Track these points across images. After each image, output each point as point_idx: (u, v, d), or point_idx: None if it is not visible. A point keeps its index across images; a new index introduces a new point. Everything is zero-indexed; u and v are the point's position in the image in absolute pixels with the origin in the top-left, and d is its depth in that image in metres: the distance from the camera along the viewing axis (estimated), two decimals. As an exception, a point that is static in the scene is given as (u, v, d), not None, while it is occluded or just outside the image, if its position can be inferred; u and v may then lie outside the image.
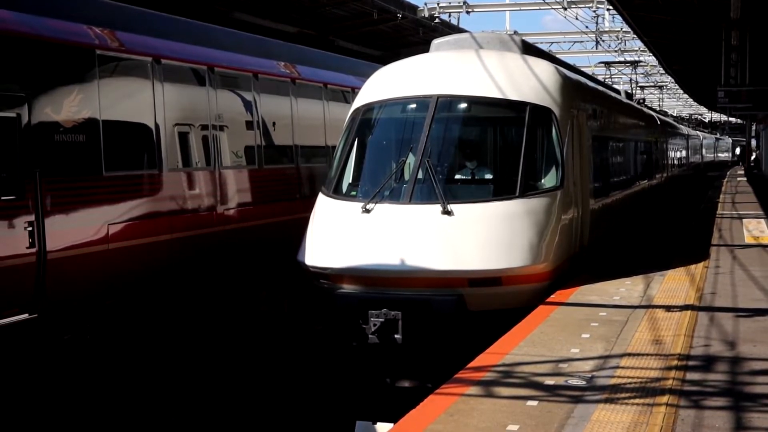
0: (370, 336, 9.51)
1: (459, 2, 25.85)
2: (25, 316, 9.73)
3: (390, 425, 7.53)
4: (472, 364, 7.63)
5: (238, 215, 13.64)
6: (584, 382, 6.96)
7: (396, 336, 9.44)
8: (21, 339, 9.73)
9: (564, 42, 36.45)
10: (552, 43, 35.89)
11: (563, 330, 8.67)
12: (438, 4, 25.20)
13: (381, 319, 9.41)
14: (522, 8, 29.43)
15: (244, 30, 16.70)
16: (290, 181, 15.48)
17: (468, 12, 26.20)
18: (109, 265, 10.91)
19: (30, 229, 9.69)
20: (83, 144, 10.67)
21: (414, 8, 24.37)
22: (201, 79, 13.24)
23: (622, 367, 7.37)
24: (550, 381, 7.00)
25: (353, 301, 9.66)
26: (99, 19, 11.55)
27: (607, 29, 33.50)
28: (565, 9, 26.36)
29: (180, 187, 12.41)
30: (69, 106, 10.49)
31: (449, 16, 26.74)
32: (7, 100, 9.65)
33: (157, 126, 12.07)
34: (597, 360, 7.58)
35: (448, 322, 9.42)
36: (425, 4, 24.99)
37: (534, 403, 6.47)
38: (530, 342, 8.24)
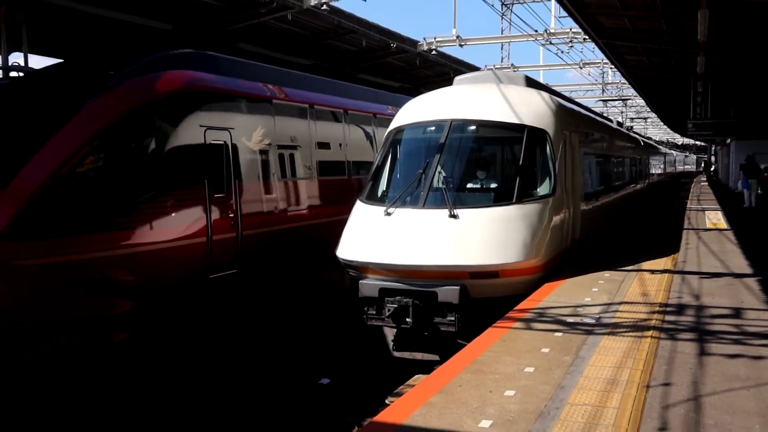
0: (386, 318, 8.27)
1: (452, 37, 20.43)
2: (233, 271, 9.90)
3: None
4: (518, 307, 7.55)
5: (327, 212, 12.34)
6: (594, 321, 6.96)
7: (407, 319, 8.15)
8: (229, 286, 9.87)
9: (579, 90, 35.45)
10: (572, 91, 34.72)
11: (579, 286, 8.66)
12: (435, 38, 20.21)
13: (395, 305, 8.14)
14: (520, 40, 22.75)
15: (253, 59, 12.94)
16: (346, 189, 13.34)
17: (461, 45, 20.91)
18: (266, 241, 10.61)
19: (232, 215, 9.85)
20: (265, 161, 10.80)
21: (414, 42, 20.08)
22: (337, 117, 13.25)
23: (621, 311, 7.34)
24: (570, 319, 7.02)
25: (374, 289, 8.32)
26: (272, 79, 11.69)
27: (610, 81, 32.68)
28: (581, 68, 25.67)
29: (319, 190, 12.02)
30: (256, 136, 10.63)
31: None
32: (219, 133, 9.88)
33: (311, 149, 12.06)
34: (603, 306, 7.57)
35: (452, 308, 8.12)
36: (424, 39, 20.20)
37: (559, 334, 6.51)
38: (557, 293, 8.26)
